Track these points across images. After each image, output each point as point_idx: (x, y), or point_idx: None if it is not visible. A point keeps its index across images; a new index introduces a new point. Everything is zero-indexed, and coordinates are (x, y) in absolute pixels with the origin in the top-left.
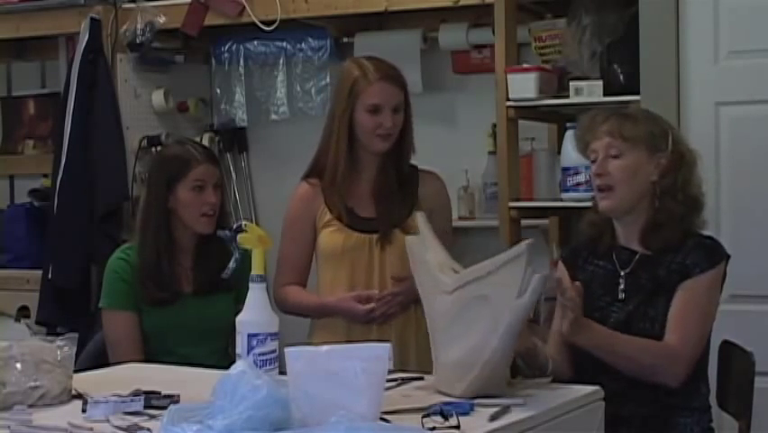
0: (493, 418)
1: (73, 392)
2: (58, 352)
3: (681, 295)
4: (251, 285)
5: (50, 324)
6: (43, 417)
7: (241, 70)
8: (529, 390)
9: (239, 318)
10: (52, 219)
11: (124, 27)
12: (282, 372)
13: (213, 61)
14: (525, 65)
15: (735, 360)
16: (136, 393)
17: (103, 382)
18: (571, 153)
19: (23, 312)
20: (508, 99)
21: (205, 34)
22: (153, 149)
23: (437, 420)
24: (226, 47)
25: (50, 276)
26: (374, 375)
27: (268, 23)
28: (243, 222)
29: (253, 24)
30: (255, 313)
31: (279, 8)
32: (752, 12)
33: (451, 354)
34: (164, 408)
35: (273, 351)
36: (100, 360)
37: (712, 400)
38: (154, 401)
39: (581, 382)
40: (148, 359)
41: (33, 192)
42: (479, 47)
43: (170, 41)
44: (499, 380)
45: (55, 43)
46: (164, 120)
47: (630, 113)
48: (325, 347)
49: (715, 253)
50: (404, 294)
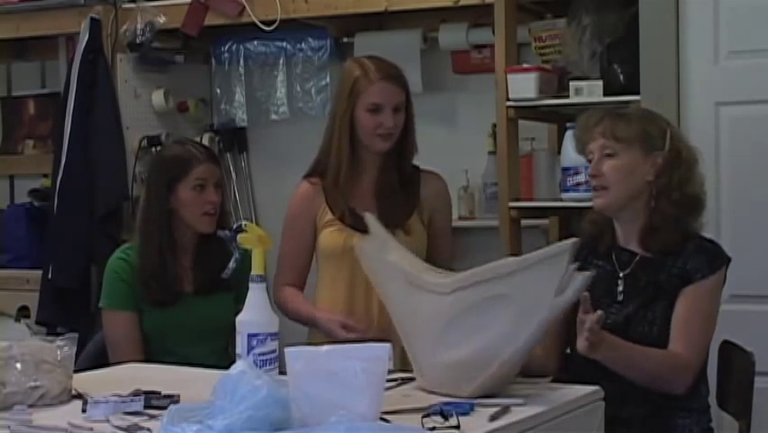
0: (493, 418)
1: (73, 392)
2: (58, 352)
3: (684, 301)
4: (251, 285)
5: (50, 324)
6: (43, 417)
7: (241, 70)
8: (529, 390)
9: (239, 318)
10: (52, 219)
11: (124, 27)
12: (282, 372)
13: (213, 61)
14: (525, 65)
15: (735, 360)
16: (136, 393)
17: (103, 382)
18: (571, 153)
19: (23, 312)
20: (508, 99)
21: (205, 34)
22: (153, 149)
23: (437, 420)
24: (226, 47)
25: (50, 276)
26: (374, 375)
27: (268, 23)
28: (243, 222)
29: (253, 24)
30: (255, 313)
31: (279, 8)
32: (752, 12)
33: (452, 355)
34: (164, 408)
35: (273, 351)
36: (100, 360)
37: (712, 400)
38: (154, 401)
39: (581, 383)
40: (148, 359)
41: (33, 192)
42: (479, 47)
43: (170, 41)
44: (511, 378)
45: (55, 43)
46: (164, 120)
47: (625, 112)
48: (325, 347)
49: (716, 258)
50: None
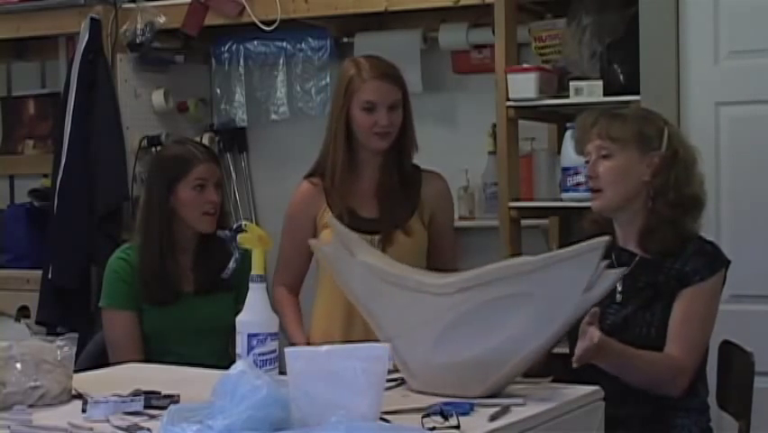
0: (493, 418)
1: (73, 392)
2: (58, 352)
3: (681, 304)
4: (251, 285)
5: (50, 324)
6: (43, 417)
7: (241, 70)
8: (529, 390)
9: (239, 318)
10: (52, 219)
11: (124, 27)
12: (282, 372)
13: (213, 61)
14: (525, 65)
15: (735, 360)
16: (136, 393)
17: (103, 382)
18: (571, 153)
19: (23, 312)
20: (508, 99)
21: (205, 34)
22: (153, 149)
23: (437, 420)
24: (226, 47)
25: (50, 276)
26: (374, 375)
27: (268, 23)
28: (243, 222)
29: (253, 24)
30: (255, 313)
31: (279, 8)
32: (752, 12)
33: (454, 355)
34: (164, 408)
35: (273, 351)
36: (100, 360)
37: (712, 400)
38: (154, 401)
39: (581, 383)
40: (148, 359)
41: (33, 192)
42: (479, 47)
43: (170, 41)
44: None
45: (55, 43)
46: (164, 120)
47: (621, 112)
48: (325, 347)
49: (715, 260)
50: None
